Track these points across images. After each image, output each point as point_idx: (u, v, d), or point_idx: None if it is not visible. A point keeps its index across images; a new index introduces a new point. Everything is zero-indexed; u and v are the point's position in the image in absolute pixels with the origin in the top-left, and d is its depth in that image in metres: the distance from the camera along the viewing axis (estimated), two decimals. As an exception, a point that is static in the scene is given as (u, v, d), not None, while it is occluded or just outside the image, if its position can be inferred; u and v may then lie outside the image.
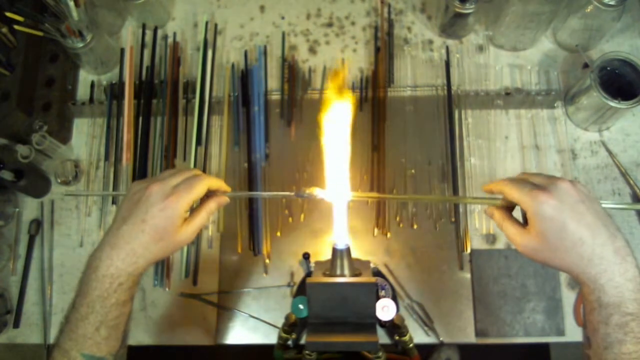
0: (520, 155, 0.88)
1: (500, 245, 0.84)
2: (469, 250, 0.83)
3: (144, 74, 0.95)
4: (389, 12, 0.98)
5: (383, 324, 0.64)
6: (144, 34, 0.97)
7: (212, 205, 0.57)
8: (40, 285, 0.85)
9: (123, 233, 0.52)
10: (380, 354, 0.60)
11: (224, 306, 0.83)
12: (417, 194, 0.87)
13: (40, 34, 0.87)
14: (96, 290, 0.51)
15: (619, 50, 0.84)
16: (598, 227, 0.48)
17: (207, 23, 0.96)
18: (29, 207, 0.90)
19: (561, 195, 0.48)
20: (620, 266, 0.47)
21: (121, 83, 0.93)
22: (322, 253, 0.84)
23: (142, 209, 0.52)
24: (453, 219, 0.85)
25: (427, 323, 0.80)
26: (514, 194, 0.51)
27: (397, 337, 0.68)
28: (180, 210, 0.53)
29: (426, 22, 0.97)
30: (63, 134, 0.92)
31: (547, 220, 0.48)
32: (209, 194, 0.57)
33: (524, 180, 0.52)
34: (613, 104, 0.79)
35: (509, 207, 0.55)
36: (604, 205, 0.51)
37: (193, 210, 0.56)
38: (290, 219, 0.86)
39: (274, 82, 0.95)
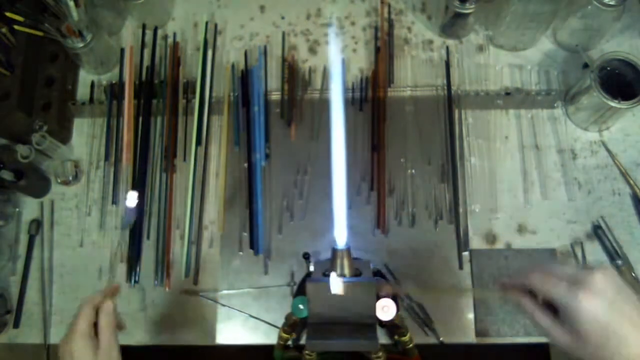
0: (520, 155, 0.88)
1: (500, 245, 0.84)
2: (468, 250, 0.83)
3: (144, 74, 0.95)
4: (389, 12, 0.98)
5: (383, 324, 0.64)
6: (144, 34, 0.97)
7: (102, 320, 0.58)
8: (40, 285, 0.85)
9: None
10: (380, 354, 0.60)
11: (224, 305, 0.83)
12: (417, 194, 0.87)
13: (40, 34, 0.87)
14: None
15: (619, 50, 0.83)
16: (637, 319, 0.45)
17: (207, 23, 0.96)
18: (29, 207, 0.90)
19: (601, 290, 0.45)
20: None
21: (121, 83, 0.93)
22: (322, 253, 0.84)
23: None
24: (453, 219, 0.85)
25: (427, 323, 0.80)
26: (549, 290, 0.48)
27: (397, 337, 0.68)
28: (79, 346, 0.56)
29: (426, 22, 0.97)
30: (63, 134, 0.92)
31: (590, 320, 0.45)
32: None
33: (554, 275, 0.49)
34: (613, 104, 0.79)
35: (532, 292, 0.51)
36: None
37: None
38: (290, 219, 0.86)
39: (274, 82, 0.95)
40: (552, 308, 0.49)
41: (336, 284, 0.53)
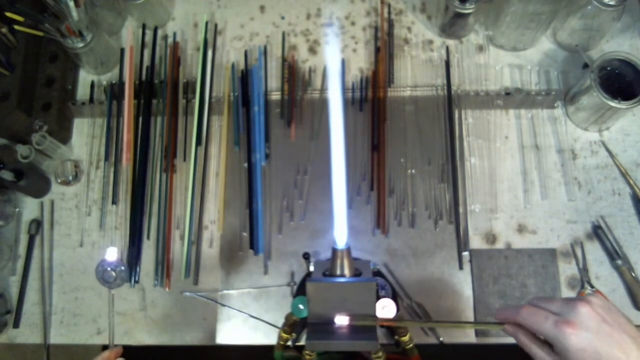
0: (520, 155, 0.88)
1: (500, 245, 0.84)
2: (468, 251, 0.83)
3: (144, 74, 0.95)
4: (389, 12, 0.98)
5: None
6: (144, 34, 0.97)
7: None
8: (40, 285, 0.85)
9: None
10: (380, 354, 0.60)
11: (224, 305, 0.83)
12: (417, 194, 0.87)
13: (40, 34, 0.87)
14: None
15: (619, 50, 0.84)
16: (628, 344, 0.47)
17: (207, 23, 0.96)
18: (29, 207, 0.90)
19: (585, 322, 0.47)
20: None
21: (121, 83, 0.93)
22: (322, 253, 0.84)
23: None
24: (453, 219, 0.85)
25: (427, 323, 0.80)
26: (538, 327, 0.50)
27: (397, 337, 0.68)
28: None
29: (426, 22, 0.97)
30: (63, 134, 0.92)
31: (579, 352, 0.47)
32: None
33: (542, 310, 0.50)
34: (613, 104, 0.79)
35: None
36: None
37: None
38: (290, 219, 0.86)
39: (274, 82, 0.95)
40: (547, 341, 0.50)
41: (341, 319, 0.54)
